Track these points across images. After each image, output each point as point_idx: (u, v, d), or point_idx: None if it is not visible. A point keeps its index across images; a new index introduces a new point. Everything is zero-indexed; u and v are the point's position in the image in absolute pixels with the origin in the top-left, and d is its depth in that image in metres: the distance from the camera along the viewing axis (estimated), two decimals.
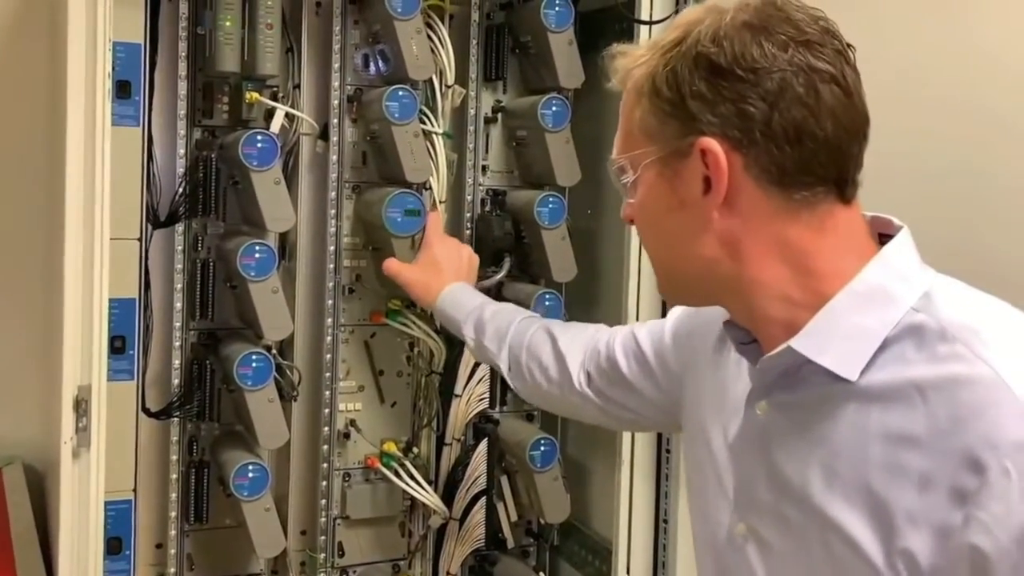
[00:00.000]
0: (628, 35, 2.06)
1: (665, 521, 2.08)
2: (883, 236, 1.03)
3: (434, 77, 2.09)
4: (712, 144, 0.97)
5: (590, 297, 2.29)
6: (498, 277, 2.18)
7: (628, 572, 2.11)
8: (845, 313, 0.97)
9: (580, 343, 1.57)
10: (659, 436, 2.09)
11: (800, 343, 0.98)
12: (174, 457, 2.04)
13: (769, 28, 0.97)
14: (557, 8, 2.09)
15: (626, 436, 2.08)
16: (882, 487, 0.92)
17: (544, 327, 1.68)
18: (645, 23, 2.02)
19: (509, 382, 1.73)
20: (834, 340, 0.97)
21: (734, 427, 1.11)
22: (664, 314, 2.07)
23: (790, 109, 0.95)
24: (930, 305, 0.96)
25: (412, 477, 2.14)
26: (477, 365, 2.20)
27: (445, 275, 1.92)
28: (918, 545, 0.90)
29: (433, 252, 1.97)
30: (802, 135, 0.96)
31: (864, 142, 1.00)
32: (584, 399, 1.54)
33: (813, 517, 0.98)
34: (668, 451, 2.08)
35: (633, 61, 1.06)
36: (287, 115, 2.05)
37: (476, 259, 2.05)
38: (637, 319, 2.06)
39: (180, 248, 2.02)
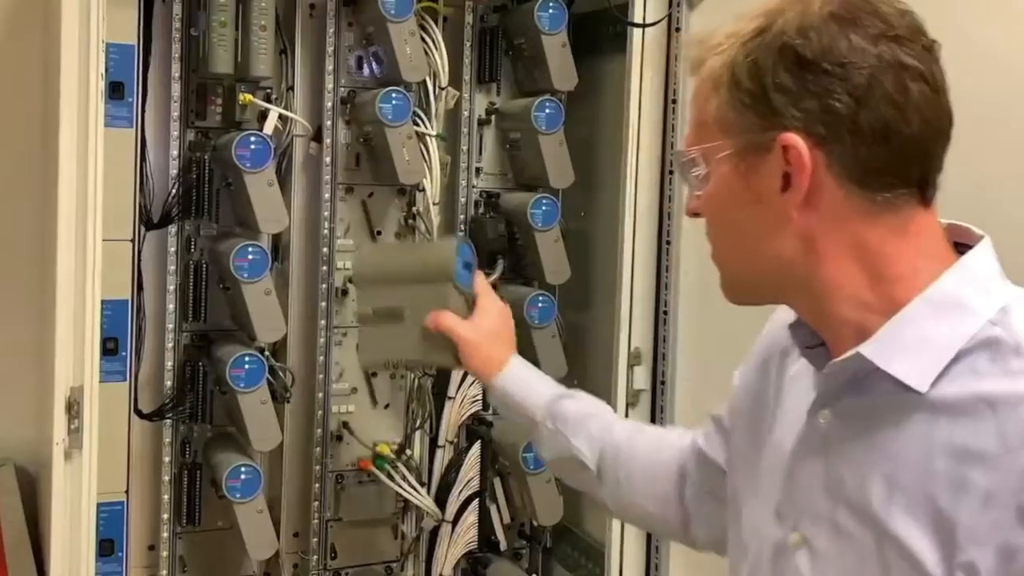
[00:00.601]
0: (621, 38, 2.07)
1: None
2: (959, 246, 1.00)
3: (428, 79, 2.09)
4: (795, 140, 0.93)
5: (583, 299, 2.29)
6: (491, 279, 2.17)
7: (621, 574, 2.11)
8: (919, 321, 0.94)
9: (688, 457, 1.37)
10: None
11: (869, 350, 0.94)
12: (167, 459, 2.04)
13: (857, 21, 0.93)
14: (551, 11, 2.10)
15: None
16: (946, 502, 0.90)
17: (654, 442, 1.44)
18: (638, 26, 2.03)
19: (597, 490, 1.46)
20: (906, 349, 0.93)
21: (793, 437, 1.07)
22: (657, 318, 2.08)
23: (879, 106, 0.92)
24: (1007, 319, 0.92)
25: (405, 479, 2.13)
26: None
27: (504, 345, 1.60)
28: (980, 562, 0.88)
29: (492, 317, 1.62)
30: (889, 134, 0.92)
31: (947, 143, 0.97)
32: (684, 512, 1.36)
33: (871, 528, 0.95)
34: None
35: (709, 49, 1.00)
36: (280, 117, 2.04)
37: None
38: (630, 321, 2.07)
39: (173, 250, 2.02)
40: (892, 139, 0.92)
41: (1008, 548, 0.86)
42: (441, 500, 2.19)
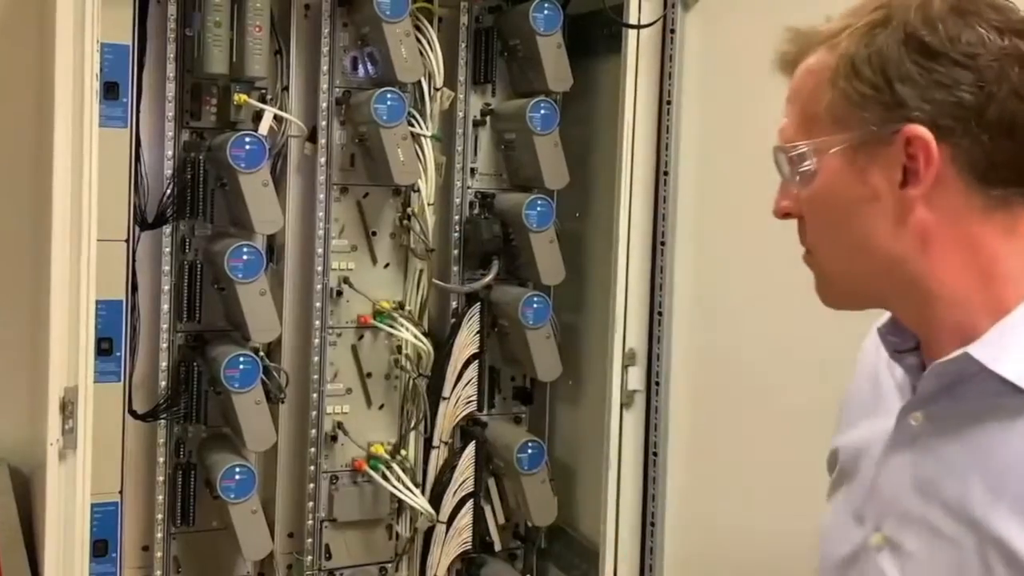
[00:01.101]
0: (616, 39, 2.07)
1: (652, 524, 2.09)
2: None
3: (423, 80, 2.09)
4: (922, 132, 0.91)
5: (578, 300, 2.29)
6: (486, 280, 2.18)
7: (615, 575, 2.11)
8: None
9: None
10: (646, 438, 2.09)
11: (978, 350, 0.92)
12: (161, 459, 2.04)
13: (981, 13, 0.92)
14: (546, 12, 2.10)
15: (613, 438, 2.08)
16: None
17: None
18: (633, 27, 2.03)
19: None
20: (1014, 350, 0.91)
21: (880, 440, 1.05)
22: (651, 319, 2.08)
23: (1007, 100, 0.90)
24: None
25: (399, 480, 2.13)
26: (465, 368, 2.20)
27: None
28: None
29: None
30: (1015, 128, 0.91)
31: None
32: None
33: (972, 530, 0.93)
34: (655, 454, 2.08)
35: (817, 43, 0.99)
36: (275, 117, 2.04)
37: None
38: (625, 322, 2.07)
39: (167, 250, 2.02)
40: (1017, 133, 0.91)
41: None
42: (436, 501, 2.19)
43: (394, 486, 2.13)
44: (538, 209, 2.13)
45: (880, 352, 1.09)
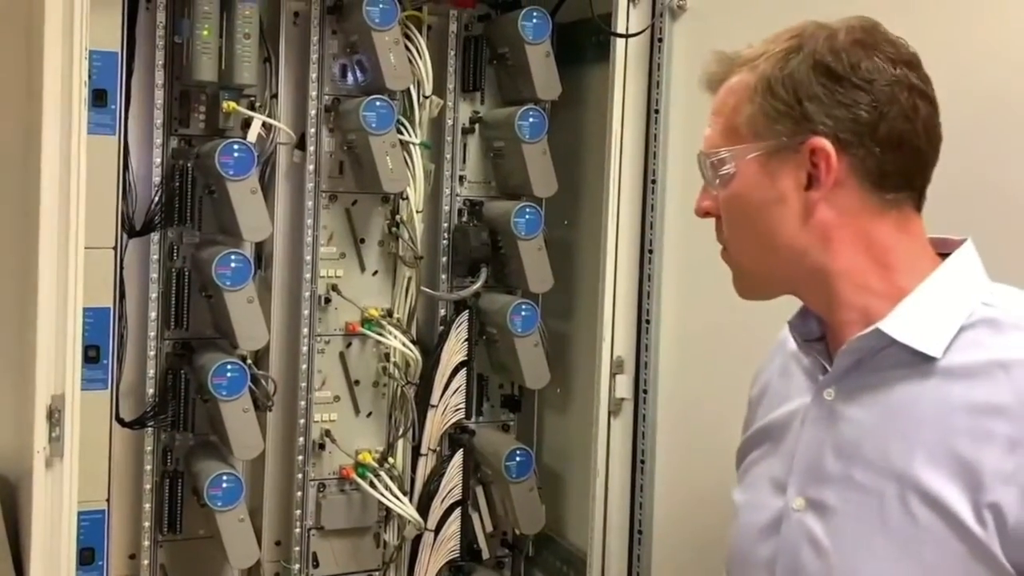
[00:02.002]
0: (605, 48, 2.08)
1: (640, 532, 2.09)
2: (939, 255, 1.14)
3: (411, 87, 2.09)
4: (825, 144, 1.07)
5: (566, 308, 2.30)
6: (474, 287, 2.18)
7: None
8: (926, 303, 1.08)
9: None
10: (634, 445, 2.10)
11: (888, 326, 1.08)
12: (148, 467, 2.03)
13: (877, 46, 1.09)
14: (535, 20, 2.10)
15: (601, 446, 2.08)
16: (969, 451, 1.02)
17: None
18: (622, 36, 2.03)
19: None
20: (918, 324, 1.07)
21: (796, 417, 1.19)
22: (639, 327, 2.09)
23: (896, 119, 1.07)
24: (999, 302, 1.09)
25: (387, 488, 2.13)
26: (453, 375, 2.20)
27: None
28: (1007, 500, 1.00)
29: None
30: (902, 143, 1.08)
31: (938, 157, 1.12)
32: None
33: (892, 480, 1.06)
34: (643, 462, 2.08)
35: (740, 65, 1.15)
36: (264, 124, 2.04)
37: None
38: (613, 330, 2.07)
39: (155, 257, 2.01)
40: (904, 148, 1.08)
41: None
42: (423, 509, 2.19)
43: (382, 494, 2.13)
44: (526, 217, 2.13)
45: (786, 348, 1.27)
